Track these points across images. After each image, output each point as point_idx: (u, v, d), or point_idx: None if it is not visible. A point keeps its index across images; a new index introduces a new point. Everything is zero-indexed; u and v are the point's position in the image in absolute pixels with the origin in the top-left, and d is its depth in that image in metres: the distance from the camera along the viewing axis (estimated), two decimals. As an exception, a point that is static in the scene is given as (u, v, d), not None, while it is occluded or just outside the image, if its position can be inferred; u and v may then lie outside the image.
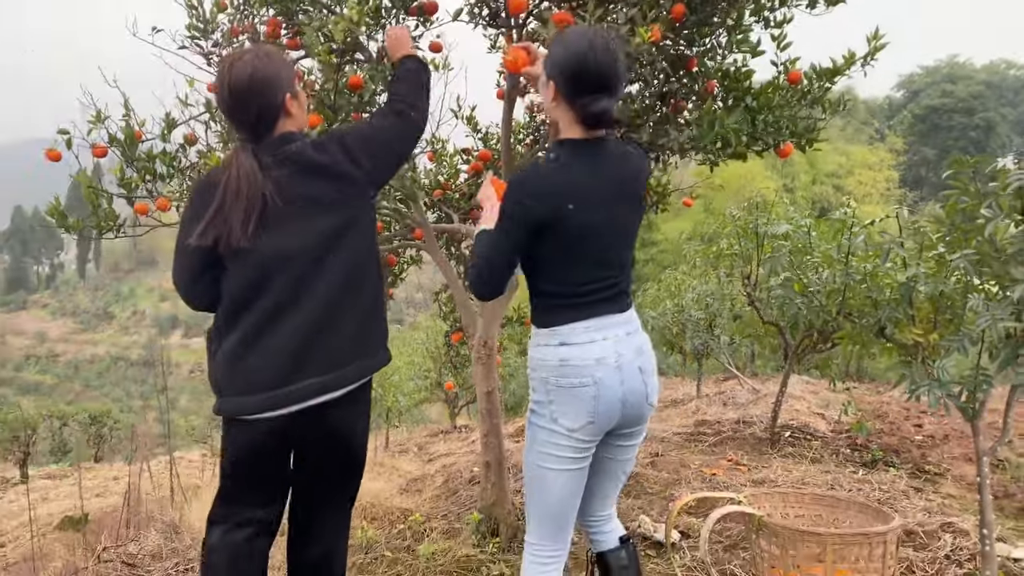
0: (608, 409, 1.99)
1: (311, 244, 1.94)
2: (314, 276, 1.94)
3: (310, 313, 1.94)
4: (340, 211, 1.98)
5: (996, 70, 51.00)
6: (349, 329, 2.00)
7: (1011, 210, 2.65)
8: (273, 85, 1.94)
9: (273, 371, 1.93)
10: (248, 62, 1.93)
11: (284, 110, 1.98)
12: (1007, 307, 2.58)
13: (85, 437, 12.73)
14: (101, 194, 3.21)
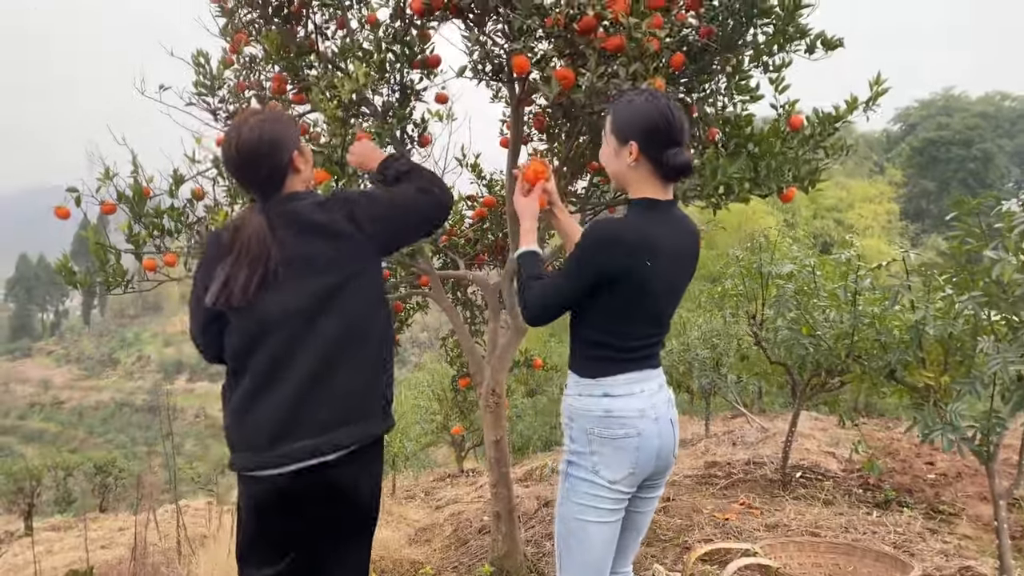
0: (647, 460, 2.03)
1: (304, 304, 1.95)
2: (307, 337, 1.95)
3: (302, 375, 1.95)
4: (334, 272, 1.98)
5: (991, 102, 51.42)
6: (341, 392, 1.98)
7: (1017, 251, 2.66)
8: (281, 146, 1.99)
9: (268, 430, 1.95)
10: (256, 125, 1.97)
11: (292, 167, 2.02)
12: (1017, 349, 2.58)
13: (90, 487, 12.64)
14: (109, 250, 3.24)
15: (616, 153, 2.05)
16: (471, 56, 2.93)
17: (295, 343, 1.95)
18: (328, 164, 2.90)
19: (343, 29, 3.45)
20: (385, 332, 2.11)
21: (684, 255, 2.08)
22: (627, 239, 1.95)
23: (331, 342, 1.96)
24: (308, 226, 1.97)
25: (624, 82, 2.44)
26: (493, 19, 2.83)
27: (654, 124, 1.98)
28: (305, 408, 1.95)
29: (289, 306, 1.95)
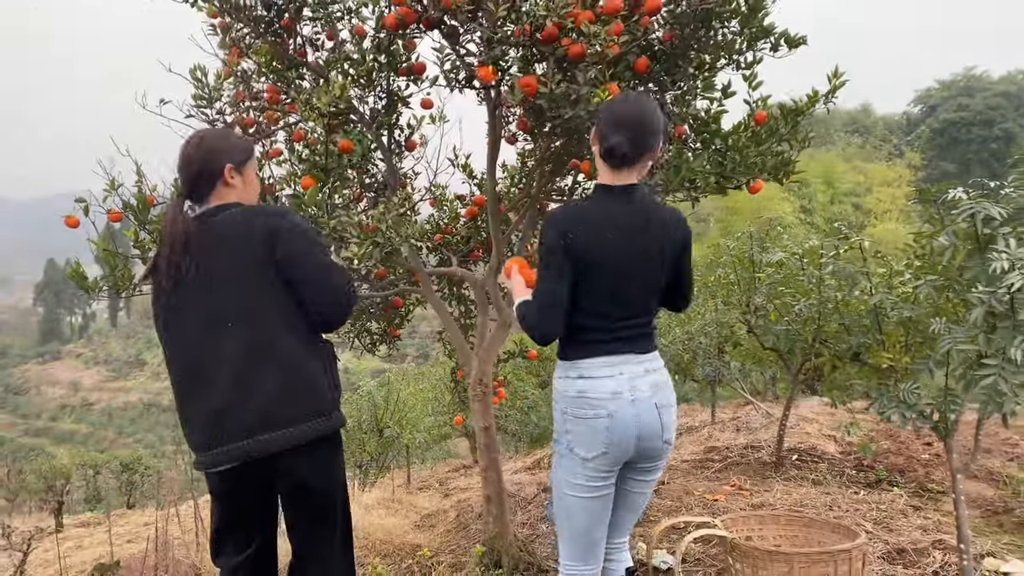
0: (622, 441, 2.14)
1: (218, 310, 2.10)
2: (224, 342, 2.08)
3: (222, 379, 2.07)
4: (238, 282, 2.11)
5: (1014, 81, 50.55)
6: (260, 399, 2.06)
7: (966, 237, 2.79)
8: (217, 154, 2.23)
9: (201, 432, 2.12)
10: (201, 133, 2.28)
11: (223, 178, 2.23)
12: (967, 330, 2.71)
13: (118, 484, 12.99)
14: (117, 256, 3.45)
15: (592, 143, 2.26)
16: (442, 67, 3.10)
17: (215, 348, 2.09)
18: (313, 169, 3.08)
19: (332, 40, 3.63)
20: (306, 335, 2.16)
21: (637, 236, 2.16)
22: (558, 217, 2.16)
23: (242, 348, 2.06)
24: (219, 235, 2.14)
25: (582, 87, 2.60)
26: (464, 31, 2.99)
27: (609, 117, 2.16)
28: (229, 414, 2.06)
29: (204, 309, 2.11)
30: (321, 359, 2.19)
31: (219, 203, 2.22)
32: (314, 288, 2.13)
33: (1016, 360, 2.44)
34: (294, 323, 2.13)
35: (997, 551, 3.63)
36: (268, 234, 2.10)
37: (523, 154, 4.24)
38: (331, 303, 2.17)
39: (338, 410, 2.23)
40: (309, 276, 2.13)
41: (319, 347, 2.21)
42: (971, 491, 4.75)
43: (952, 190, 2.78)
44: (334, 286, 2.16)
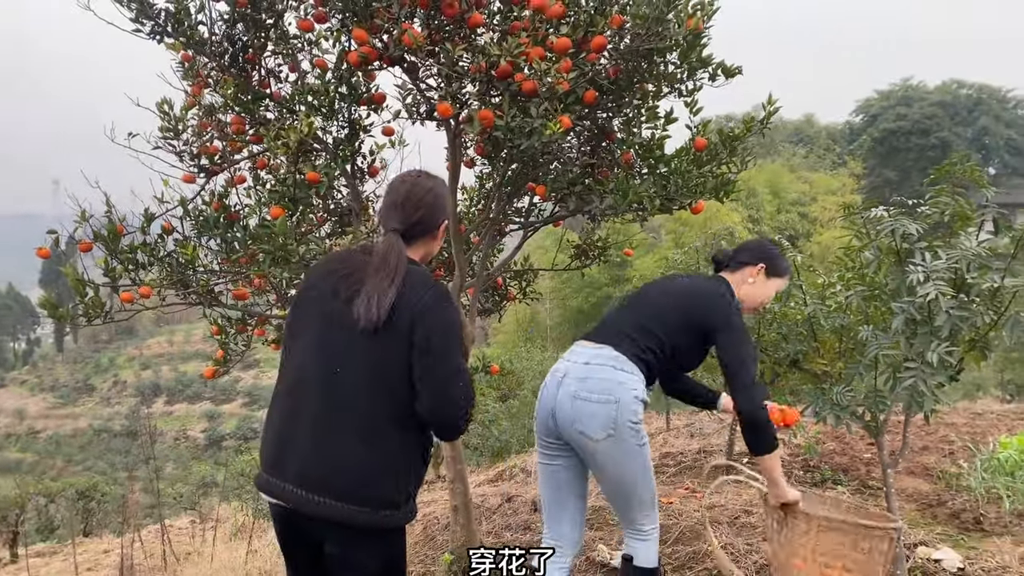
0: (543, 414, 2.50)
1: (345, 356, 1.97)
2: (333, 389, 1.96)
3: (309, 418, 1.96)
4: (382, 343, 1.94)
5: (948, 90, 52.52)
6: (336, 454, 1.92)
7: (889, 251, 3.06)
8: (440, 206, 2.17)
9: (271, 454, 2.02)
10: (432, 181, 2.18)
11: (434, 233, 2.15)
12: (891, 337, 2.97)
13: (72, 513, 12.78)
14: (88, 285, 3.54)
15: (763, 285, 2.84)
16: (404, 101, 3.28)
17: (327, 387, 1.96)
18: (281, 200, 3.23)
19: (295, 72, 3.79)
20: (409, 418, 1.96)
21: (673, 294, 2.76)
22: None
23: (346, 403, 1.93)
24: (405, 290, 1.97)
25: (536, 120, 2.80)
26: (424, 67, 3.18)
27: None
28: (309, 450, 1.94)
29: (329, 347, 1.98)
30: (411, 455, 1.99)
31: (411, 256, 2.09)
32: (430, 391, 1.92)
33: (933, 363, 2.70)
34: (403, 409, 1.94)
35: (930, 540, 3.90)
36: (422, 309, 1.94)
37: (481, 177, 4.44)
38: (441, 414, 1.94)
39: (409, 504, 2.01)
40: (431, 375, 1.92)
41: (415, 441, 2.00)
42: (908, 486, 5.05)
43: (874, 208, 3.05)
44: (451, 398, 1.93)
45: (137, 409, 54.68)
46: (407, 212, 2.09)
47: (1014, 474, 4.82)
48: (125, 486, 18.94)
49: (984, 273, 2.81)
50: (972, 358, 3.04)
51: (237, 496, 11.12)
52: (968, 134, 49.49)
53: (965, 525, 4.19)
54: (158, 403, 59.04)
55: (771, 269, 2.83)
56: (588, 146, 3.67)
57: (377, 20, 3.02)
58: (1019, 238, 2.84)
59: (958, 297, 2.76)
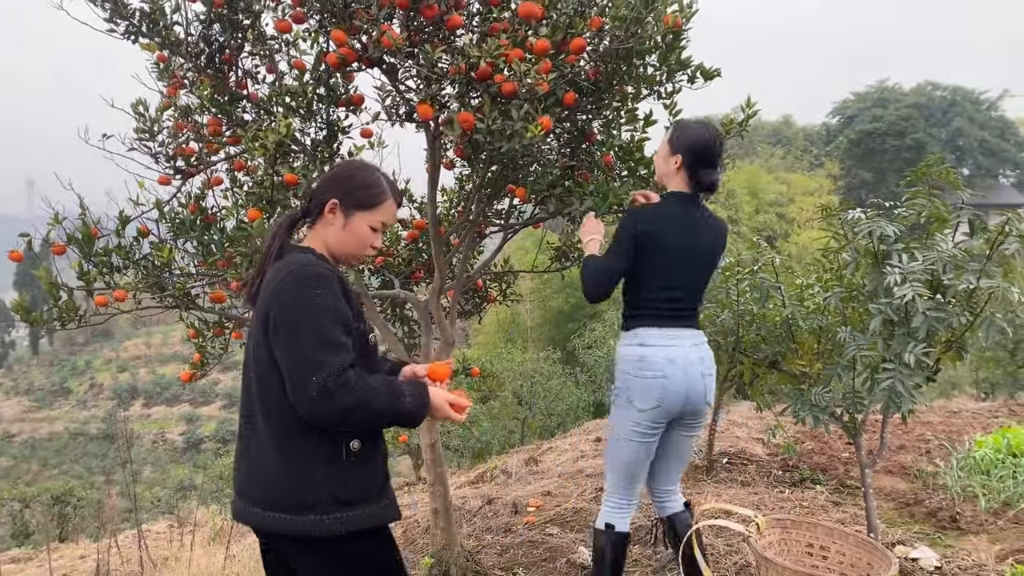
0: (674, 399, 2.66)
1: (248, 359, 1.97)
2: (246, 401, 1.97)
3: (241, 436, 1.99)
4: (255, 337, 1.91)
5: (923, 92, 53.14)
6: (250, 470, 1.92)
7: (866, 253, 3.08)
8: (330, 184, 2.04)
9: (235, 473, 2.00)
10: (344, 162, 2.19)
11: (323, 216, 2.01)
12: (869, 338, 2.99)
13: (48, 517, 12.61)
14: (62, 289, 3.48)
15: (665, 158, 2.81)
16: (383, 103, 3.26)
17: (246, 398, 1.98)
18: (259, 202, 3.19)
19: (273, 73, 3.75)
20: (290, 412, 1.81)
21: (700, 233, 2.76)
22: (645, 212, 2.72)
23: (255, 410, 1.91)
24: (262, 292, 1.92)
25: (516, 123, 2.79)
26: (403, 68, 3.16)
27: (698, 148, 2.72)
28: (237, 471, 1.96)
29: (250, 345, 1.95)
30: (313, 453, 1.84)
31: (306, 243, 2.03)
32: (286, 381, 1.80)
33: (910, 364, 2.72)
34: (286, 405, 1.81)
35: (907, 539, 3.94)
36: (274, 290, 1.84)
37: (461, 178, 4.42)
38: (301, 408, 1.77)
39: (343, 512, 1.83)
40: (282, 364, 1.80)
41: (314, 439, 1.83)
42: (886, 485, 5.09)
43: (851, 210, 3.07)
44: (302, 390, 1.74)
45: (114, 412, 54.09)
46: (306, 192, 2.05)
47: (989, 472, 4.88)
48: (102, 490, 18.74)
49: (960, 274, 2.84)
50: (949, 358, 3.07)
51: (216, 499, 11.02)
52: (943, 135, 50.09)
53: (942, 524, 4.24)
54: (136, 406, 58.45)
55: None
56: (568, 148, 3.66)
57: (356, 21, 3.00)
58: (993, 240, 2.88)
59: (935, 298, 2.78)
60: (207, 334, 4.06)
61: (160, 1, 3.40)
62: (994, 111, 51.41)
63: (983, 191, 44.71)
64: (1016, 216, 2.86)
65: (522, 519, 4.78)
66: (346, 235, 2.00)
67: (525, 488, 5.88)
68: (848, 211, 3.11)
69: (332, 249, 2.02)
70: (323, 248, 2.01)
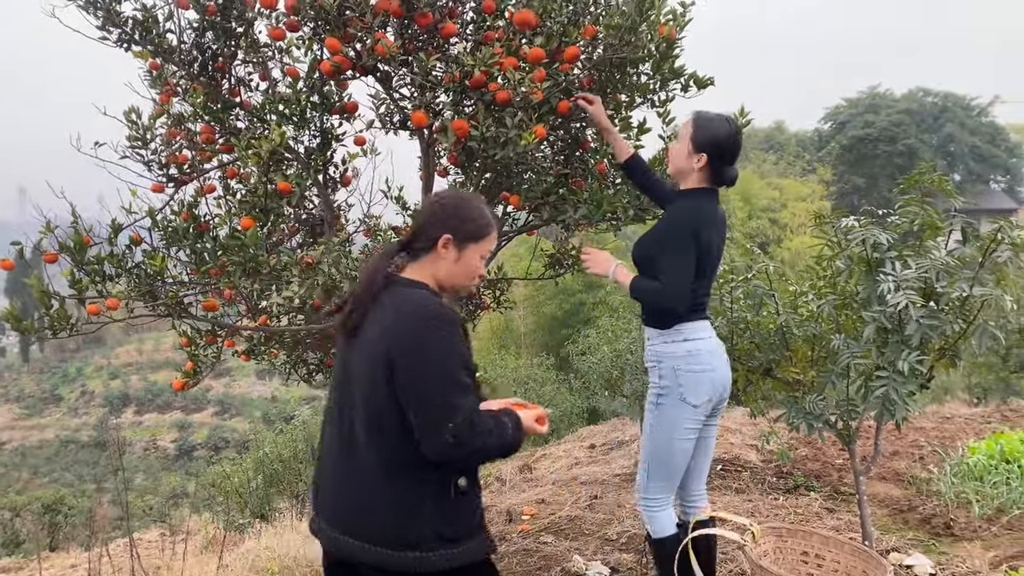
0: (721, 390, 2.70)
1: (345, 401, 1.97)
2: (336, 430, 1.98)
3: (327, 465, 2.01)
4: (369, 372, 1.87)
5: (914, 98, 53.42)
6: (351, 503, 1.90)
7: (860, 261, 3.08)
8: (440, 219, 2.00)
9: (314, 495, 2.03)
10: (448, 193, 2.14)
11: (436, 251, 1.99)
12: (863, 346, 2.99)
13: (39, 526, 12.52)
14: (53, 297, 3.46)
15: (687, 156, 2.69)
16: (377, 111, 3.26)
17: (334, 430, 1.99)
18: (252, 210, 3.18)
19: (266, 81, 3.74)
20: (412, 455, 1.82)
21: (722, 226, 2.77)
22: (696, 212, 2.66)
23: (352, 444, 1.90)
24: (380, 317, 1.89)
25: (511, 130, 2.80)
26: (398, 76, 3.16)
27: (723, 144, 2.66)
28: (327, 497, 1.96)
29: (352, 372, 1.93)
30: (418, 491, 1.84)
31: (413, 276, 2.00)
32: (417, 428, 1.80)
33: (904, 371, 2.72)
34: (395, 440, 1.83)
35: (902, 546, 3.94)
36: (397, 332, 1.83)
37: (454, 185, 4.42)
38: (438, 455, 1.79)
39: (447, 549, 1.83)
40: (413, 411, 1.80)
41: (420, 477, 1.84)
42: (880, 491, 5.10)
43: (845, 218, 3.08)
44: (437, 437, 1.76)
45: (105, 419, 53.81)
46: (412, 225, 2.07)
47: (983, 479, 4.89)
48: (93, 498, 18.62)
49: (953, 282, 2.85)
50: (942, 366, 3.08)
51: (208, 507, 10.97)
52: (934, 141, 50.33)
53: (936, 530, 4.24)
54: (127, 413, 58.15)
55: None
56: (562, 155, 3.67)
57: (350, 29, 3.00)
58: (986, 248, 2.89)
59: (928, 306, 2.79)
60: (200, 342, 4.05)
61: (153, 9, 3.39)
62: (985, 117, 51.73)
63: (974, 196, 44.95)
64: (1008, 224, 2.87)
65: (516, 527, 4.76)
66: (458, 268, 2.01)
67: (519, 496, 5.87)
68: (841, 219, 3.12)
69: (442, 282, 2.02)
70: (432, 281, 2.00)
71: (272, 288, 3.80)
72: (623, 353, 7.90)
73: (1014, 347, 8.85)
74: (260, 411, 42.57)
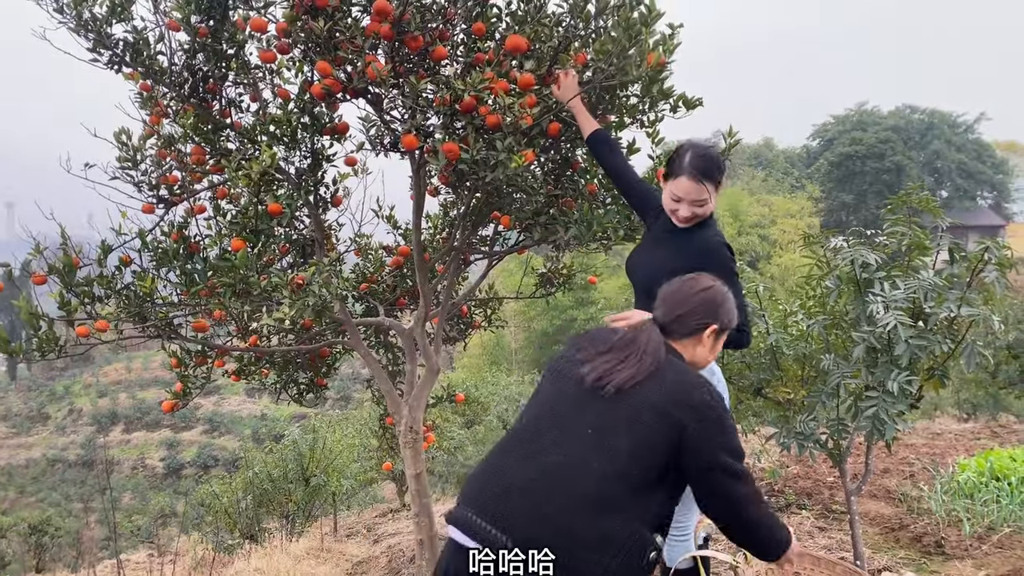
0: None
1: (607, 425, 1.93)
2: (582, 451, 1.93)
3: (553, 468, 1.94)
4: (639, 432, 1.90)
5: (901, 115, 54.00)
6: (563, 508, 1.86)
7: (848, 280, 3.10)
8: (710, 310, 2.10)
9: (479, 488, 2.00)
10: (708, 281, 2.14)
11: (699, 337, 2.09)
12: (852, 365, 3.01)
13: (26, 548, 12.38)
14: (41, 319, 3.44)
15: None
16: (368, 133, 3.27)
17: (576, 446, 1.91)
18: (244, 232, 3.18)
19: (256, 102, 3.75)
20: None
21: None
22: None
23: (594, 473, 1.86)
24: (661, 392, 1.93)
25: (501, 153, 2.80)
26: (388, 99, 3.17)
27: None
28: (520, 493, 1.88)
29: (604, 421, 1.93)
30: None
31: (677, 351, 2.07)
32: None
33: (893, 391, 2.74)
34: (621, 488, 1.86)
35: (893, 565, 3.94)
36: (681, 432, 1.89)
37: (445, 205, 4.43)
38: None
39: None
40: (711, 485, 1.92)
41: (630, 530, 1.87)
42: (871, 509, 5.10)
43: (833, 238, 3.10)
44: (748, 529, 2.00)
45: (93, 438, 53.29)
46: (668, 306, 2.11)
47: (973, 496, 4.90)
48: (80, 519, 18.42)
49: (941, 302, 2.87)
50: (931, 385, 3.09)
51: (197, 528, 10.87)
52: (921, 158, 50.83)
53: (927, 549, 4.24)
54: (115, 431, 57.62)
55: None
56: (552, 176, 3.68)
57: (341, 52, 3.01)
58: (973, 267, 2.91)
59: (916, 326, 2.81)
60: (189, 363, 4.03)
61: (144, 31, 3.39)
62: (971, 134, 52.27)
63: (962, 213, 45.33)
64: (995, 244, 2.90)
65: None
66: (710, 355, 2.14)
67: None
68: (830, 238, 3.14)
69: (693, 363, 2.11)
70: (688, 360, 2.09)
71: (263, 309, 3.79)
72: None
73: (1002, 363, 8.91)
74: (250, 429, 42.24)
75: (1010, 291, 3.06)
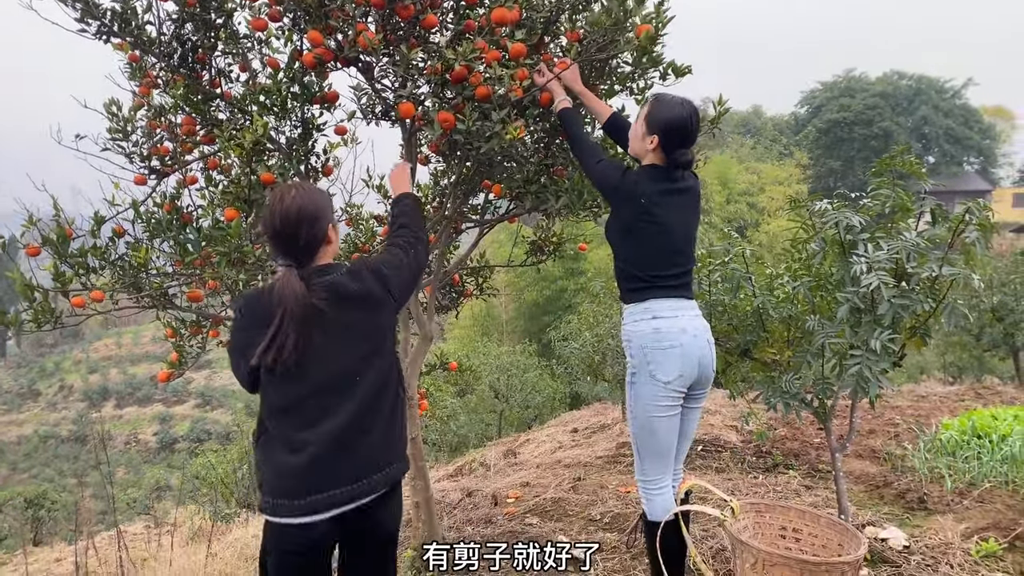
0: (689, 364, 2.68)
1: (349, 367, 2.17)
2: (348, 393, 2.16)
3: (343, 428, 2.14)
4: (374, 336, 2.24)
5: (889, 81, 53.91)
6: (376, 441, 2.20)
7: (833, 243, 3.16)
8: (320, 217, 2.22)
9: (307, 480, 2.11)
10: (296, 196, 2.19)
11: (326, 239, 2.25)
12: (836, 326, 3.08)
13: (22, 521, 12.46)
14: (37, 291, 3.47)
15: (642, 137, 2.78)
16: (359, 102, 3.28)
17: (338, 401, 2.15)
18: (236, 201, 3.21)
19: (246, 72, 3.75)
20: (398, 378, 2.33)
21: (686, 200, 2.80)
22: (633, 176, 2.77)
23: (369, 397, 2.19)
24: (346, 296, 2.18)
25: (495, 125, 2.83)
26: (379, 67, 3.18)
27: (675, 127, 2.70)
28: (344, 459, 2.14)
29: (334, 369, 2.15)
30: (402, 409, 2.34)
31: (320, 265, 2.25)
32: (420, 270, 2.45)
33: (876, 350, 2.81)
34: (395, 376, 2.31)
35: (877, 520, 4.05)
36: (380, 282, 2.26)
37: (436, 174, 4.45)
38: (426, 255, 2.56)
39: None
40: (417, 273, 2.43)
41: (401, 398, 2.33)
42: (856, 468, 5.22)
43: (818, 201, 3.16)
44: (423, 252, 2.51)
45: (85, 414, 53.28)
46: (291, 241, 2.20)
47: (955, 454, 5.02)
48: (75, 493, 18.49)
49: (923, 262, 2.94)
50: (913, 344, 3.17)
51: (193, 499, 10.96)
52: (909, 124, 50.86)
53: (910, 505, 4.36)
54: (107, 407, 57.62)
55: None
56: (542, 144, 3.71)
57: (331, 21, 3.02)
58: (955, 228, 2.97)
59: (899, 286, 2.87)
60: (184, 333, 4.06)
61: (132, 1, 3.38)
62: (958, 99, 52.28)
63: (949, 178, 45.49)
64: (976, 205, 2.96)
65: (502, 510, 4.83)
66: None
67: (504, 480, 5.94)
68: (816, 202, 3.20)
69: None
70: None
71: (257, 278, 3.82)
72: (604, 338, 8.00)
73: (986, 326, 9.04)
74: (242, 402, 42.33)
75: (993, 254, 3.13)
